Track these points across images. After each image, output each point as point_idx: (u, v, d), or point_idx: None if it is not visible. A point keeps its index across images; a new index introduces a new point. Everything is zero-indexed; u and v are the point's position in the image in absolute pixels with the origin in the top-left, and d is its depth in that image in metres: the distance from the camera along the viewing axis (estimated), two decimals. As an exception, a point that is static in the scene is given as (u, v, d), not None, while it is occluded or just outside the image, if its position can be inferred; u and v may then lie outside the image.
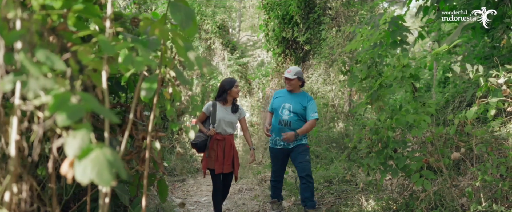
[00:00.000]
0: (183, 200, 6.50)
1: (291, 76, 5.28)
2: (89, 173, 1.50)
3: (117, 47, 2.11)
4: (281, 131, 5.28)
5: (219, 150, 4.97)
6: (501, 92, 4.17)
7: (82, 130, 1.60)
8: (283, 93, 5.46)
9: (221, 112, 5.02)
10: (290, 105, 5.28)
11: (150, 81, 2.48)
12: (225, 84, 5.05)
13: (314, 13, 9.85)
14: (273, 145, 5.46)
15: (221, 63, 15.21)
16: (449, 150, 4.56)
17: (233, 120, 5.07)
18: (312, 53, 10.17)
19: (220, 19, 15.25)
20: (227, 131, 5.03)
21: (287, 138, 5.09)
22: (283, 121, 5.30)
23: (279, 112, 5.33)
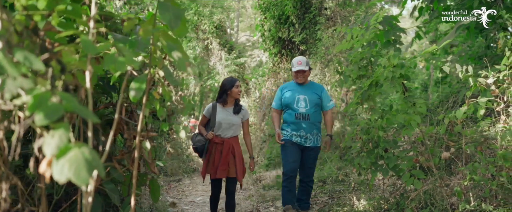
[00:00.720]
0: (174, 200, 6.50)
1: (304, 68, 4.92)
2: (66, 172, 1.52)
3: (99, 48, 2.14)
4: (298, 126, 4.94)
5: (216, 154, 4.66)
6: (490, 92, 4.20)
7: (61, 129, 1.62)
8: (292, 86, 5.06)
9: (221, 114, 4.72)
10: (305, 97, 4.94)
11: (139, 81, 2.51)
12: (225, 84, 4.75)
13: (310, 13, 9.89)
14: (288, 137, 5.02)
15: (219, 64, 15.25)
16: (440, 150, 4.58)
17: (235, 121, 4.73)
18: (308, 53, 10.20)
19: (218, 19, 15.28)
20: (227, 134, 4.71)
21: (327, 146, 5.07)
22: (300, 114, 4.93)
23: (294, 105, 4.94)
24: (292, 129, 4.96)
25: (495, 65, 4.39)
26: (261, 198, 6.59)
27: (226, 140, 4.68)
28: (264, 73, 11.83)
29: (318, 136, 5.02)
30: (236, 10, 21.50)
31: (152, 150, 4.51)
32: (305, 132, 4.89)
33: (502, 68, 4.20)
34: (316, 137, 5.00)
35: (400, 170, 4.50)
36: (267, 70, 11.33)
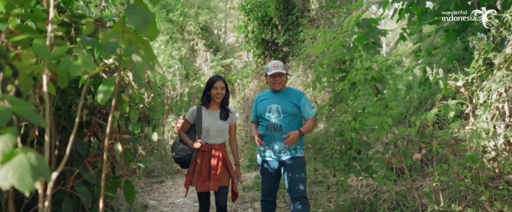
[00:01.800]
0: (147, 203, 6.47)
1: (281, 70, 4.17)
2: (10, 177, 1.52)
3: (54, 53, 2.14)
4: (271, 138, 4.19)
5: (204, 164, 4.07)
6: (460, 95, 4.27)
7: (7, 134, 1.62)
8: (267, 95, 4.40)
9: (208, 118, 4.13)
10: (277, 105, 4.21)
11: (108, 84, 2.52)
12: (206, 84, 4.18)
13: (293, 15, 9.93)
14: (262, 156, 4.32)
15: (204, 64, 15.25)
16: (412, 151, 4.64)
17: (224, 127, 4.17)
18: (291, 54, 10.24)
19: (204, 20, 15.29)
20: (216, 141, 4.14)
21: (291, 139, 4.00)
22: (271, 125, 4.19)
23: (265, 116, 4.23)
24: (265, 142, 4.23)
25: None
26: (240, 199, 6.62)
27: (215, 147, 4.11)
28: (248, 74, 11.85)
29: (297, 148, 4.20)
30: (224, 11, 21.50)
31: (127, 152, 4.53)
32: (278, 145, 4.16)
33: (471, 71, 4.27)
34: (292, 148, 4.18)
35: (372, 171, 4.55)
36: (250, 72, 11.36)
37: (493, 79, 4.00)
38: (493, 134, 4.21)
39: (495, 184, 4.47)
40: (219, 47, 16.05)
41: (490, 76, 4.22)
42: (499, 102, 4.16)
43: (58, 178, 3.63)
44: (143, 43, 2.56)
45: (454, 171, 4.04)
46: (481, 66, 4.25)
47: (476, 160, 4.00)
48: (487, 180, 4.35)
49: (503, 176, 4.51)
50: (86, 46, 2.78)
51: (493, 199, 4.06)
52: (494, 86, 3.96)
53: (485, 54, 4.17)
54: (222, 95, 4.14)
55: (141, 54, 2.60)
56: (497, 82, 3.96)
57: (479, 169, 4.15)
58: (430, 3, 8.04)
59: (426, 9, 7.66)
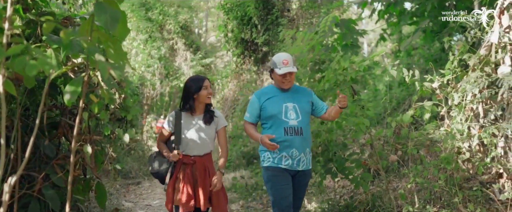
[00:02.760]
0: (119, 207, 6.33)
1: (293, 69, 3.53)
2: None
3: (9, 51, 2.04)
4: (290, 144, 3.47)
5: (187, 179, 3.45)
6: (435, 96, 4.28)
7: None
8: (274, 92, 3.68)
9: (189, 125, 3.54)
10: (294, 105, 3.57)
11: (75, 84, 2.42)
12: (190, 85, 3.52)
13: (272, 15, 9.90)
14: (275, 163, 3.53)
15: (184, 64, 15.13)
16: (388, 153, 4.64)
17: (208, 134, 3.55)
18: (271, 54, 10.21)
19: (183, 19, 15.16)
20: (199, 151, 3.53)
21: (344, 101, 3.43)
22: (291, 128, 3.50)
23: (282, 117, 3.52)
24: (280, 149, 3.49)
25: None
26: None
27: (199, 159, 3.51)
28: (227, 74, 11.79)
29: (310, 155, 3.67)
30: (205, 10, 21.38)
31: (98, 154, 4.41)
32: (298, 151, 3.49)
33: (447, 73, 4.28)
34: (309, 156, 3.63)
35: (349, 173, 4.53)
36: (230, 71, 11.30)
37: (468, 80, 4.01)
38: (468, 135, 4.23)
39: (470, 185, 4.49)
40: (199, 47, 15.95)
41: (465, 77, 4.23)
42: (474, 103, 4.18)
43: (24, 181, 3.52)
44: (113, 42, 2.48)
45: (429, 172, 4.04)
46: (457, 68, 4.26)
47: (451, 161, 4.00)
48: (461, 181, 4.37)
49: (477, 177, 4.53)
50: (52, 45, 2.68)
51: (467, 200, 4.07)
52: (468, 87, 3.97)
53: (460, 55, 4.18)
54: (212, 93, 3.65)
55: (111, 53, 2.52)
56: (471, 83, 3.97)
57: (453, 170, 4.16)
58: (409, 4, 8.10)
59: (404, 10, 7.70)
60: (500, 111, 4.37)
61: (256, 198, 6.55)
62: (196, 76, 3.64)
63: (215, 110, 3.68)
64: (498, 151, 4.33)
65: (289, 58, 3.60)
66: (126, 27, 2.44)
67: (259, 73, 10.72)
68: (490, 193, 4.20)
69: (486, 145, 4.31)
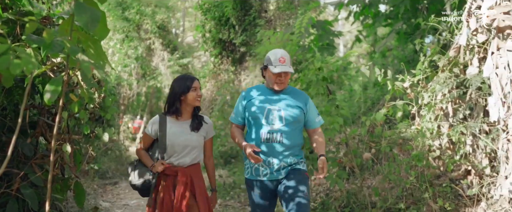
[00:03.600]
0: (97, 205, 6.32)
1: (289, 69, 3.14)
2: None
3: (-9, 52, 2.08)
4: (268, 151, 3.12)
5: (168, 192, 3.09)
6: (406, 96, 4.45)
7: None
8: (263, 92, 3.27)
9: (175, 131, 3.15)
10: (279, 108, 3.17)
11: (55, 84, 2.46)
12: (177, 85, 3.15)
13: (250, 16, 10.00)
14: (253, 175, 3.20)
15: (161, 64, 15.09)
16: (362, 151, 4.79)
17: (195, 142, 3.16)
18: (249, 54, 10.31)
19: (161, 19, 15.12)
20: (184, 161, 3.13)
21: (323, 169, 3.03)
22: (270, 134, 3.13)
23: (262, 120, 3.16)
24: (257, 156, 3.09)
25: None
26: None
27: (182, 169, 3.11)
28: (205, 74, 11.84)
29: (299, 162, 3.22)
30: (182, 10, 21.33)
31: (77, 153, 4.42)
32: (278, 160, 3.12)
33: (417, 73, 4.45)
34: (293, 161, 3.18)
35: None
36: (208, 71, 11.35)
37: (437, 80, 4.19)
38: (438, 133, 4.40)
39: (441, 182, 4.67)
40: (176, 47, 15.93)
41: (435, 77, 4.41)
42: (443, 103, 4.35)
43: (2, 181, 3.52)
44: (93, 42, 2.53)
45: (401, 169, 4.20)
46: (427, 69, 4.43)
47: (422, 158, 4.17)
48: (432, 178, 4.54)
49: (448, 174, 4.71)
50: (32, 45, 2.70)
51: (437, 196, 4.24)
52: (437, 87, 4.14)
53: (430, 57, 4.35)
54: (201, 96, 3.22)
55: (91, 53, 2.57)
56: (440, 83, 4.14)
57: (424, 167, 4.33)
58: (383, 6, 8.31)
59: (378, 12, 7.90)
60: (469, 110, 4.56)
61: (234, 196, 6.64)
62: (184, 75, 3.26)
63: (204, 116, 3.28)
64: (467, 149, 4.52)
65: (287, 56, 3.19)
66: (105, 27, 2.50)
67: (236, 73, 10.81)
68: (459, 189, 4.39)
69: (455, 143, 4.49)
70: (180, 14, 22.23)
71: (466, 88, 4.31)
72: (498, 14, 3.52)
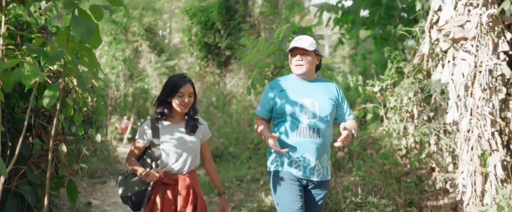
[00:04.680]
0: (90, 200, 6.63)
1: (307, 46, 2.86)
2: (-31, 173, 1.82)
3: (6, 65, 2.41)
4: (302, 148, 2.85)
5: (166, 204, 2.83)
6: (375, 99, 4.85)
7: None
8: (292, 83, 3.00)
9: (169, 135, 2.90)
10: (313, 101, 2.88)
11: (53, 89, 2.80)
12: (165, 86, 2.92)
13: (235, 20, 10.37)
14: (283, 167, 2.92)
15: (148, 66, 15.38)
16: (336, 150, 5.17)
17: (192, 147, 2.90)
18: (234, 58, 10.67)
19: (148, 22, 15.41)
20: (183, 168, 2.88)
21: (346, 138, 2.80)
22: (305, 129, 2.86)
23: (295, 114, 2.88)
24: (291, 152, 2.88)
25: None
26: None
27: (182, 177, 2.86)
28: (191, 76, 12.16)
29: (329, 164, 3.02)
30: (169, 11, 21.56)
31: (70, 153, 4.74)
32: (312, 157, 2.86)
33: (386, 79, 4.85)
34: (326, 165, 2.98)
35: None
36: (194, 74, 11.67)
37: (402, 85, 4.60)
38: (404, 134, 4.81)
39: (409, 179, 5.09)
40: (163, 49, 16.23)
41: (401, 83, 4.82)
42: (409, 106, 4.77)
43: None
44: (87, 51, 2.88)
45: (370, 166, 4.60)
46: (394, 74, 4.84)
47: (389, 157, 4.57)
48: (400, 175, 4.95)
49: (416, 171, 5.13)
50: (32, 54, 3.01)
51: (403, 191, 4.65)
52: (402, 92, 4.55)
53: (396, 63, 4.77)
54: (189, 104, 2.86)
55: (85, 61, 2.92)
56: (405, 88, 4.55)
57: (392, 165, 4.73)
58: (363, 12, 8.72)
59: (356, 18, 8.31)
60: (432, 112, 4.99)
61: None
62: (176, 76, 2.95)
63: (198, 118, 3.00)
64: (431, 148, 4.95)
65: (306, 38, 2.93)
66: (99, 37, 2.83)
67: (222, 75, 11.17)
68: (425, 184, 4.82)
69: (419, 142, 4.91)
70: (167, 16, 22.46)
71: (427, 93, 4.73)
72: (452, 27, 3.94)
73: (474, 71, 3.90)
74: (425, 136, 4.65)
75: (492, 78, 3.91)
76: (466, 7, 3.95)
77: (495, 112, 3.91)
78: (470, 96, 3.91)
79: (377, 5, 7.19)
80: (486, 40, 3.91)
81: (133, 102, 19.01)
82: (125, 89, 15.79)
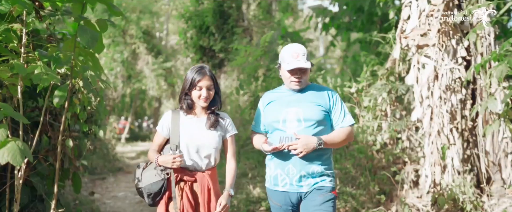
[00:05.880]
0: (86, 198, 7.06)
1: (305, 64, 2.72)
2: (6, 156, 2.31)
3: (28, 69, 2.90)
4: (285, 159, 2.73)
5: (186, 200, 2.72)
6: (353, 99, 5.35)
7: (1, 129, 2.40)
8: (281, 94, 2.92)
9: (188, 127, 2.80)
10: (297, 110, 2.77)
11: (62, 90, 3.28)
12: (186, 78, 2.80)
13: (228, 24, 10.85)
14: (272, 184, 2.84)
15: (146, 67, 15.85)
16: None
17: (212, 142, 2.77)
18: (227, 60, 11.15)
19: (145, 25, 15.89)
20: (200, 164, 2.77)
21: (302, 145, 2.63)
22: (287, 139, 2.74)
23: (278, 125, 2.79)
24: (275, 164, 2.81)
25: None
26: None
27: (200, 174, 2.76)
28: (186, 78, 12.62)
29: (326, 174, 2.77)
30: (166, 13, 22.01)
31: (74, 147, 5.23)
32: (296, 168, 2.71)
33: (361, 81, 5.35)
34: (321, 173, 2.75)
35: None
36: (189, 75, 12.13)
37: (375, 87, 5.09)
38: (378, 131, 5.30)
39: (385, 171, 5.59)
40: (160, 51, 16.72)
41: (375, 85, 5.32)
42: (382, 105, 5.26)
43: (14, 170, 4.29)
44: (91, 56, 3.37)
45: (346, 160, 5.10)
46: (369, 77, 5.34)
47: (363, 151, 5.06)
48: (375, 168, 5.44)
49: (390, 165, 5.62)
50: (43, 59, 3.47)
51: (376, 183, 5.14)
52: (375, 92, 5.04)
53: (370, 67, 5.27)
54: (209, 98, 2.78)
55: (89, 65, 3.41)
56: (378, 89, 5.04)
57: (367, 159, 5.22)
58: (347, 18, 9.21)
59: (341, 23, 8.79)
60: (405, 111, 5.48)
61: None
62: (195, 68, 2.81)
63: (221, 113, 2.91)
64: (404, 144, 5.44)
65: (301, 51, 2.78)
66: (102, 44, 3.31)
67: (216, 77, 11.67)
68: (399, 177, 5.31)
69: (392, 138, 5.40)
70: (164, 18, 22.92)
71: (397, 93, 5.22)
72: (416, 36, 4.44)
73: (434, 74, 4.40)
74: (397, 132, 5.14)
75: (452, 81, 4.41)
76: (428, 18, 4.46)
77: (454, 110, 4.42)
78: (431, 96, 4.42)
79: (359, 12, 7.70)
80: (445, 46, 4.41)
81: (131, 103, 19.47)
82: (123, 90, 16.26)
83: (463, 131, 4.53)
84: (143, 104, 21.38)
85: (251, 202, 5.57)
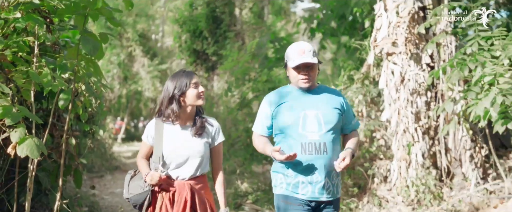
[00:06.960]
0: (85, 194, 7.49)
1: (311, 59, 2.57)
2: (25, 151, 2.78)
3: (41, 77, 3.36)
4: (309, 166, 2.54)
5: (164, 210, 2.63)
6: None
7: (20, 128, 2.88)
8: (292, 94, 2.71)
9: (173, 137, 2.70)
10: (316, 112, 2.61)
11: (67, 93, 3.74)
12: (171, 85, 2.67)
13: (221, 29, 11.35)
14: (290, 191, 2.63)
15: (142, 69, 16.30)
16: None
17: (197, 150, 2.66)
18: (220, 63, 11.64)
19: (141, 28, 16.34)
20: (183, 173, 2.67)
21: (346, 163, 2.49)
22: (310, 145, 2.55)
23: (298, 129, 2.58)
24: (296, 171, 2.60)
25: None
26: None
27: (181, 184, 2.65)
28: (181, 80, 13.07)
29: (339, 180, 2.73)
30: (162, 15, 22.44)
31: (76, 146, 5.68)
32: (320, 175, 2.57)
33: (339, 84, 5.84)
34: (337, 181, 2.69)
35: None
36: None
37: (351, 90, 5.59)
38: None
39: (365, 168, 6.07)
40: (156, 53, 17.18)
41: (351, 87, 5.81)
42: (359, 107, 5.75)
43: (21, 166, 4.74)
44: (92, 63, 3.83)
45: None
46: (346, 81, 5.83)
47: (340, 148, 5.53)
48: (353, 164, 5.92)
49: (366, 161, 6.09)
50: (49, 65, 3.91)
51: (352, 177, 5.63)
52: (352, 95, 5.53)
53: (347, 72, 5.76)
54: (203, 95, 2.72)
55: (91, 71, 3.88)
56: (354, 92, 5.53)
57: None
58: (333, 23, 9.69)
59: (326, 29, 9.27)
60: (380, 112, 5.98)
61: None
62: (180, 71, 2.73)
63: (208, 118, 2.79)
64: (380, 142, 5.93)
65: (307, 48, 2.62)
66: (102, 52, 3.76)
67: (209, 79, 12.13)
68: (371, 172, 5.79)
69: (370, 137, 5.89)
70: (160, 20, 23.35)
71: (377, 95, 5.72)
72: (385, 44, 4.94)
73: (401, 79, 4.90)
74: (371, 132, 5.63)
75: (417, 85, 4.91)
76: (395, 28, 4.96)
77: (419, 111, 4.92)
78: (398, 99, 4.92)
79: (343, 18, 8.20)
80: (411, 54, 4.91)
81: (127, 104, 19.90)
82: (119, 91, 16.70)
83: (429, 130, 5.03)
84: (139, 105, 21.81)
85: (239, 196, 6.05)
